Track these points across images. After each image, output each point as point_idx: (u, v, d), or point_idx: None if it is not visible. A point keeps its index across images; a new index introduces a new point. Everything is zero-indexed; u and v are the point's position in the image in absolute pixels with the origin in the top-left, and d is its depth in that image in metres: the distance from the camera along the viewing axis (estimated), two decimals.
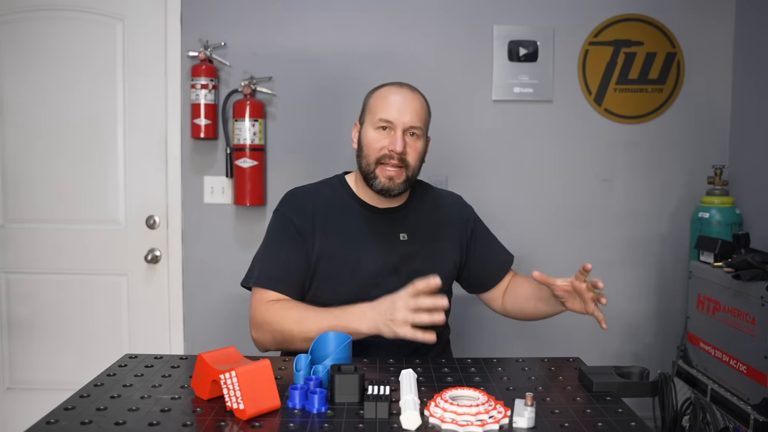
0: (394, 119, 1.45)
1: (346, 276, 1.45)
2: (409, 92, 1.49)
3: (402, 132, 1.45)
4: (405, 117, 1.45)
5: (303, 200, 1.52)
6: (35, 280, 2.43)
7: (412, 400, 0.99)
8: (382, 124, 1.46)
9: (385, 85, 1.53)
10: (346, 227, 1.49)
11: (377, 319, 1.28)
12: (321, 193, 1.55)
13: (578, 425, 0.99)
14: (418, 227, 1.54)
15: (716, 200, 2.23)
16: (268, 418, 1.00)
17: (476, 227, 1.64)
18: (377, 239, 1.49)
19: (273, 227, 1.52)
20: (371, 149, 1.47)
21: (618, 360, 2.48)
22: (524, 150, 2.45)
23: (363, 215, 1.52)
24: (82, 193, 2.41)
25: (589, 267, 1.29)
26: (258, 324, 1.42)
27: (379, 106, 1.48)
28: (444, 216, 1.59)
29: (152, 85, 2.39)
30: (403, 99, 1.47)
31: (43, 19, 2.37)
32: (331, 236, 1.47)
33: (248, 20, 2.38)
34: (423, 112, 1.49)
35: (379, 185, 1.46)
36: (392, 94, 1.48)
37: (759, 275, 1.81)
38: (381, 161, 1.46)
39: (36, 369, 2.45)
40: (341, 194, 1.55)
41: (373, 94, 1.52)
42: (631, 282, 2.50)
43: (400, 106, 1.46)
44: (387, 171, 1.45)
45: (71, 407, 1.03)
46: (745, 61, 2.39)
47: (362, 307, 1.32)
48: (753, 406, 1.80)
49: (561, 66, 2.43)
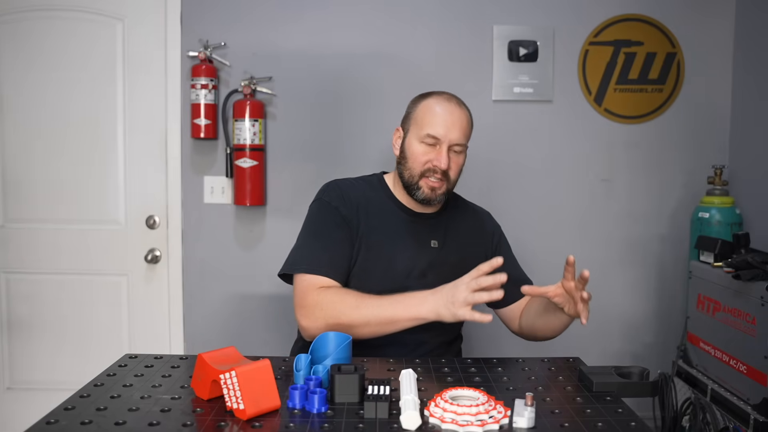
0: (441, 136, 1.45)
1: (378, 271, 1.46)
2: (456, 107, 1.49)
3: (447, 148, 1.46)
4: (452, 134, 1.45)
5: (348, 191, 1.53)
6: (35, 280, 2.43)
7: (412, 400, 0.99)
8: (429, 140, 1.46)
9: (432, 95, 1.51)
10: (384, 224, 1.51)
11: (438, 303, 1.28)
12: (362, 188, 1.56)
13: (578, 425, 0.99)
14: (448, 236, 1.56)
15: (716, 200, 2.23)
16: (268, 418, 1.00)
17: (500, 243, 1.65)
18: (411, 242, 1.51)
19: (317, 215, 1.51)
20: (416, 162, 1.48)
21: (618, 360, 2.48)
22: (524, 150, 2.45)
23: (400, 216, 1.54)
24: (82, 193, 2.41)
25: (571, 259, 1.26)
26: (310, 310, 1.38)
27: (426, 119, 1.47)
28: (474, 229, 1.62)
29: (152, 85, 2.39)
30: (451, 115, 1.47)
31: (43, 19, 2.37)
32: (371, 230, 1.49)
33: (248, 20, 2.38)
34: (469, 128, 1.51)
35: (422, 195, 1.48)
36: (441, 108, 1.47)
37: (759, 275, 1.81)
38: (425, 174, 1.47)
39: (36, 369, 2.45)
40: (380, 193, 1.57)
41: (420, 104, 1.51)
42: (631, 282, 2.50)
43: (448, 122, 1.46)
44: (431, 182, 1.47)
45: (71, 407, 1.03)
46: (745, 61, 2.39)
47: (423, 293, 1.32)
48: (753, 406, 1.80)
49: (561, 66, 2.43)
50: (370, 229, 1.49)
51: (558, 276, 1.34)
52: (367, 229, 1.49)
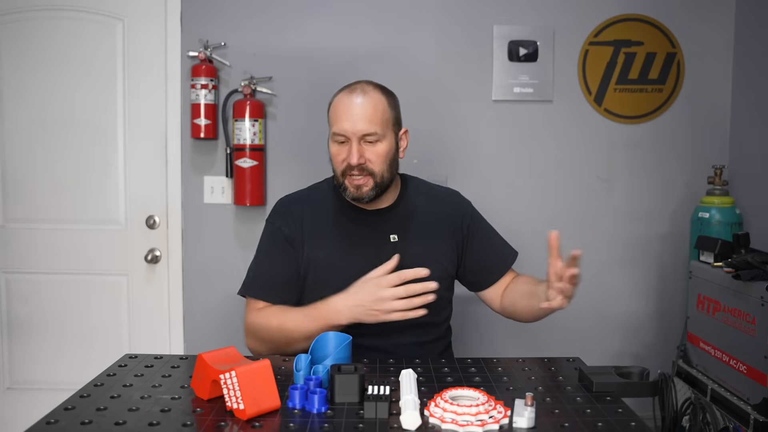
0: (346, 131, 1.41)
1: (335, 282, 1.41)
2: (359, 97, 1.42)
3: (357, 142, 1.41)
4: (357, 126, 1.40)
5: (291, 208, 1.53)
6: (35, 280, 2.43)
7: (412, 400, 0.99)
8: (339, 138, 1.43)
9: (339, 92, 1.47)
10: (334, 233, 1.49)
11: (356, 311, 1.32)
12: (309, 199, 1.55)
13: (578, 425, 0.99)
14: (409, 227, 1.51)
15: (716, 200, 2.23)
16: (268, 418, 1.00)
17: (473, 223, 1.59)
18: (367, 241, 1.48)
19: (264, 237, 1.55)
20: (336, 163, 1.46)
21: (618, 360, 2.48)
22: (524, 150, 2.45)
23: (352, 218, 1.51)
24: (83, 193, 2.41)
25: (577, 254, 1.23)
26: (249, 333, 1.47)
27: (333, 118, 1.45)
28: (438, 213, 1.55)
29: (152, 85, 2.39)
30: (353, 107, 1.41)
31: (43, 19, 2.36)
32: (319, 243, 1.48)
33: (248, 20, 2.38)
34: (377, 113, 1.42)
35: (349, 195, 1.45)
36: (342, 103, 1.43)
37: (759, 275, 1.80)
38: (346, 173, 1.44)
39: (36, 369, 2.45)
40: (330, 199, 1.54)
41: (330, 104, 1.49)
42: (631, 282, 2.50)
43: (351, 115, 1.40)
44: (353, 180, 1.43)
45: (71, 407, 1.03)
46: (745, 61, 2.39)
47: (335, 302, 1.35)
48: (753, 406, 1.80)
49: (561, 66, 2.43)
50: (318, 242, 1.48)
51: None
52: (314, 243, 1.48)
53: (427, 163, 2.37)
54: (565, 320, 2.48)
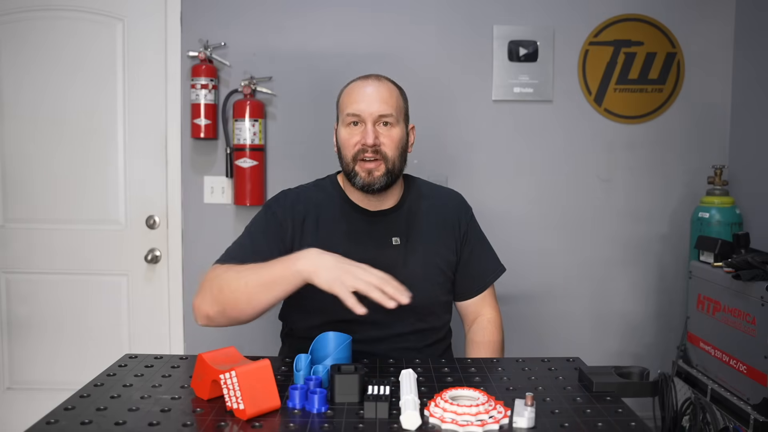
0: (362, 111, 1.40)
1: None
2: (374, 81, 1.43)
3: (372, 123, 1.40)
4: (373, 107, 1.39)
5: (295, 203, 1.48)
6: (35, 280, 2.43)
7: (412, 400, 0.99)
8: (352, 119, 1.41)
9: (352, 81, 1.48)
10: (337, 230, 1.45)
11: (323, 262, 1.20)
12: (312, 197, 1.50)
13: (578, 425, 0.99)
14: (411, 230, 1.48)
15: (716, 200, 2.23)
16: (268, 418, 1.00)
17: (469, 230, 1.55)
18: (369, 244, 1.44)
19: (256, 220, 1.48)
20: (347, 147, 1.42)
21: (618, 360, 2.48)
22: (524, 150, 2.45)
23: (354, 218, 1.47)
24: (82, 193, 2.41)
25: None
26: (200, 289, 1.33)
27: (346, 102, 1.43)
28: (440, 216, 1.53)
29: (152, 85, 2.39)
30: (368, 89, 1.41)
31: (43, 19, 2.37)
32: (320, 243, 1.38)
33: (248, 20, 2.38)
34: (392, 98, 1.43)
35: (360, 182, 1.41)
36: (357, 87, 1.43)
37: (759, 275, 1.81)
38: (358, 157, 1.40)
39: (36, 369, 2.45)
40: (332, 198, 1.50)
41: (342, 92, 1.48)
42: (631, 282, 2.50)
43: (367, 96, 1.40)
44: (365, 165, 1.40)
45: (71, 407, 1.03)
46: (745, 61, 2.39)
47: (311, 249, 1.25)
48: (753, 406, 1.80)
49: (561, 66, 2.43)
50: (319, 240, 1.40)
51: (555, 276, 1.33)
52: (315, 241, 1.38)
53: (427, 163, 2.37)
54: (565, 320, 2.49)
